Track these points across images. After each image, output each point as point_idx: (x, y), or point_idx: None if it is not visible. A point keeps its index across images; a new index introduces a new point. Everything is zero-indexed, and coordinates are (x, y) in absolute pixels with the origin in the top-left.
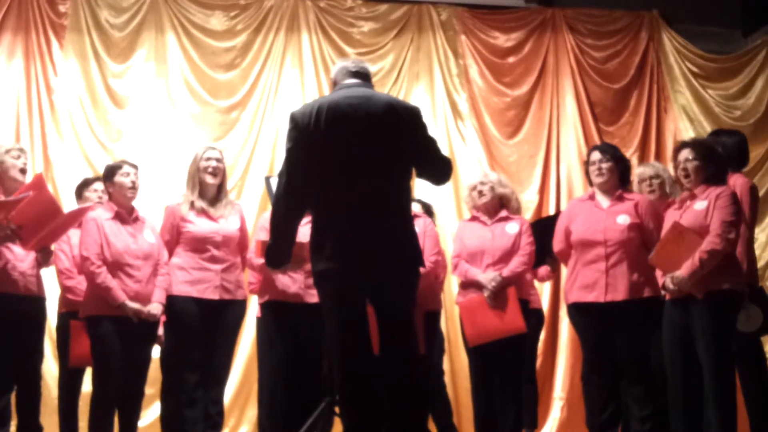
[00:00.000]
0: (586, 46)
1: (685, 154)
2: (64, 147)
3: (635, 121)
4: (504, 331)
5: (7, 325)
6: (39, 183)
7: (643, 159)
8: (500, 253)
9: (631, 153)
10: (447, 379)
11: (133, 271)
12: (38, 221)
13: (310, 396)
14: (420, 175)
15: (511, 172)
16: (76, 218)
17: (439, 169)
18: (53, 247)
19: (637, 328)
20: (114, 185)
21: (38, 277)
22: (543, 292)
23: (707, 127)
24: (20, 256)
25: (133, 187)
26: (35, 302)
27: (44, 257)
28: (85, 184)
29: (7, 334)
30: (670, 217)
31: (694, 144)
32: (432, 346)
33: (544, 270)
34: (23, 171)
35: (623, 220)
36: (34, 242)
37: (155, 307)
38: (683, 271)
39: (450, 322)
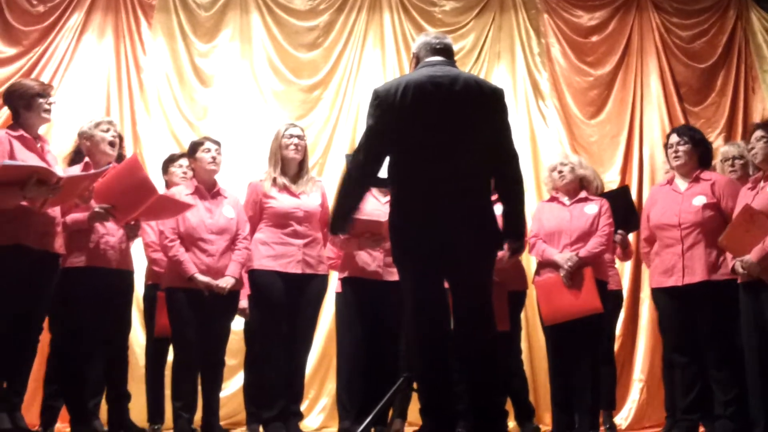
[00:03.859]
0: (672, 24)
1: (758, 134)
2: (151, 124)
3: (721, 101)
4: (579, 311)
5: (98, 297)
6: (134, 164)
7: (729, 140)
8: (578, 233)
9: (717, 134)
10: (524, 358)
11: (206, 245)
12: (132, 201)
13: (388, 371)
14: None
15: (593, 153)
16: (176, 211)
17: (507, 162)
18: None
19: (719, 310)
20: (196, 161)
21: (128, 251)
22: (623, 273)
23: None
24: (112, 231)
25: (214, 162)
26: (124, 275)
27: (132, 231)
28: (171, 160)
29: (98, 307)
30: (743, 197)
31: (767, 125)
32: (516, 325)
33: (620, 249)
34: (112, 144)
35: (699, 201)
36: (127, 221)
37: (226, 281)
38: (753, 255)
39: (528, 301)
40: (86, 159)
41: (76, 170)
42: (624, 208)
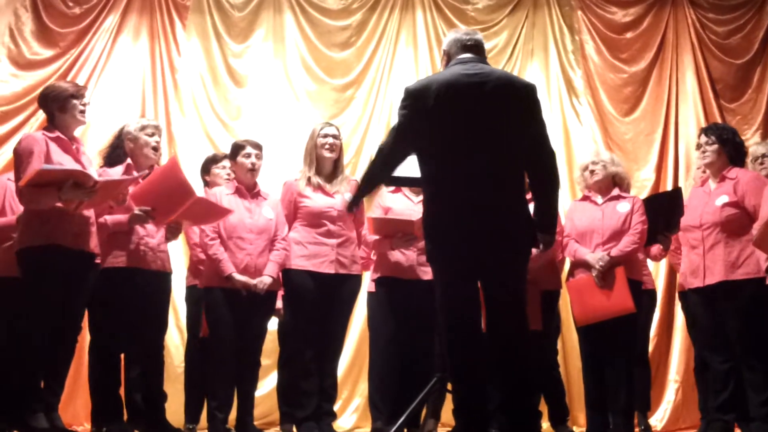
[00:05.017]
0: (708, 20)
1: None
2: (186, 124)
3: (758, 97)
4: (612, 311)
5: (137, 298)
6: (173, 166)
7: (766, 137)
8: (610, 232)
9: (753, 131)
10: (559, 359)
11: (245, 244)
12: (170, 203)
13: (422, 371)
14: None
15: (627, 150)
16: (217, 216)
17: (542, 158)
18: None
19: (743, 310)
20: (236, 164)
21: (166, 253)
22: (658, 273)
23: None
24: (151, 232)
25: (253, 169)
26: (162, 277)
27: (173, 232)
28: (214, 160)
29: (136, 308)
30: None
31: None
32: (549, 325)
33: (656, 248)
34: (155, 149)
35: (721, 200)
36: (167, 222)
37: (263, 280)
38: None
39: (562, 301)
40: (128, 161)
41: (118, 172)
42: (670, 210)
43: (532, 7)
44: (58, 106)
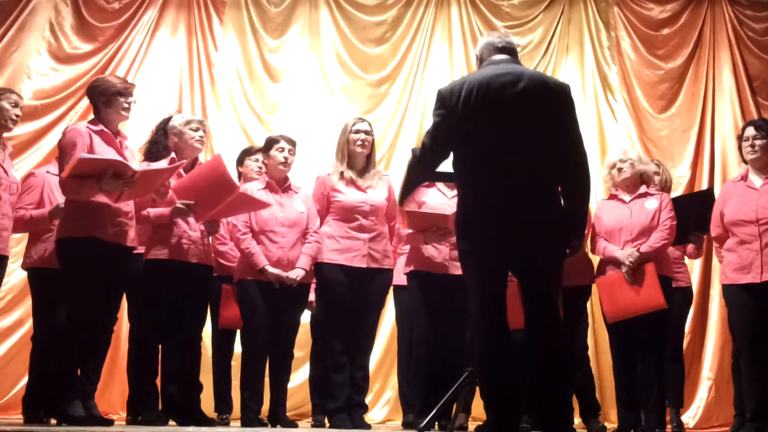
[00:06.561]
0: (745, 17)
1: None
2: (222, 118)
3: None
4: (642, 308)
5: (177, 291)
6: (217, 163)
7: None
8: (638, 229)
9: None
10: (590, 354)
11: (277, 237)
12: (212, 198)
13: (453, 365)
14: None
15: (663, 147)
16: (253, 208)
17: (574, 160)
18: None
19: None
20: (269, 158)
21: (208, 246)
22: (693, 270)
23: None
24: (194, 226)
25: (285, 163)
26: (203, 270)
27: (211, 227)
28: (248, 152)
29: (176, 300)
30: None
31: None
32: (576, 322)
33: (690, 247)
34: (201, 143)
35: None
36: (207, 217)
37: (296, 273)
38: None
39: (593, 298)
40: (172, 154)
41: (162, 165)
42: (702, 211)
43: (568, 3)
44: (105, 100)
